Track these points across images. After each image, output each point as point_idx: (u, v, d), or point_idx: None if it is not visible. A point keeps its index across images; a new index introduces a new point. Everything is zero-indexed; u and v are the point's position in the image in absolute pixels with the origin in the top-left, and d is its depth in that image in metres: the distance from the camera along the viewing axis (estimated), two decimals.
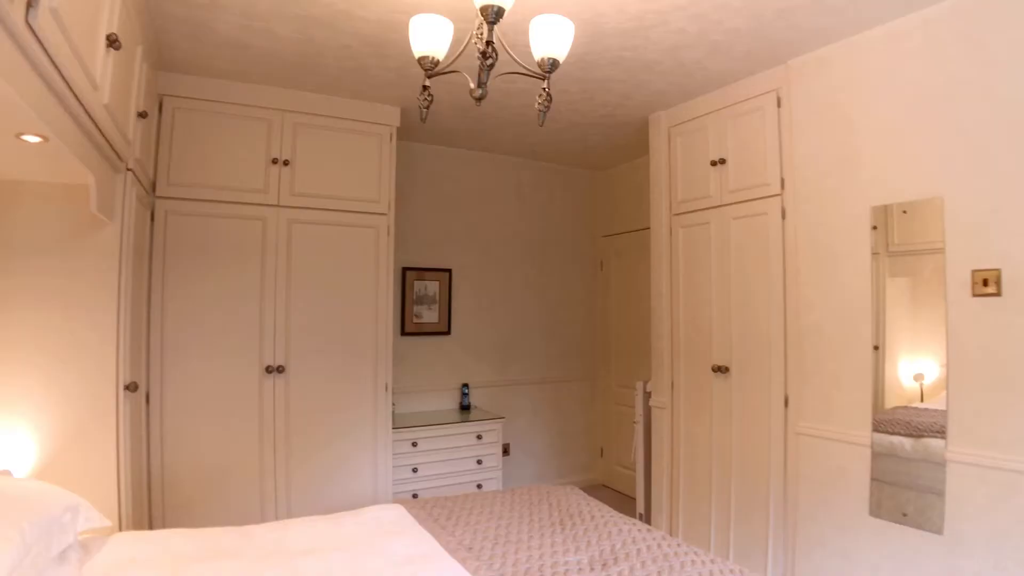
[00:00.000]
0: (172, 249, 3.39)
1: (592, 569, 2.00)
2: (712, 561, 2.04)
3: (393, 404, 4.34)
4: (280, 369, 3.63)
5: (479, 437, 4.41)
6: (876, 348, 2.96)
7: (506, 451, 4.99)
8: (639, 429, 4.32)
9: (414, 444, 4.20)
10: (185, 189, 3.42)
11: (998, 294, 2.52)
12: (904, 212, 2.85)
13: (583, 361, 5.61)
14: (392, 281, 3.97)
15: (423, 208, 4.80)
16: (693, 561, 2.03)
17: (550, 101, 2.21)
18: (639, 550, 2.14)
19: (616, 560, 2.06)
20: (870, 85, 2.96)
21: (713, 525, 3.65)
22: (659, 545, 2.18)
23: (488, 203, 5.12)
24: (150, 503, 3.29)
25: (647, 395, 4.22)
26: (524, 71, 2.19)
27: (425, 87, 2.32)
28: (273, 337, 3.63)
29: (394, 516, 2.50)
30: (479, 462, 4.40)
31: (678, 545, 2.18)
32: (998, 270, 2.52)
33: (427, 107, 2.34)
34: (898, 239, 2.90)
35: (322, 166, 3.79)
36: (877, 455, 2.88)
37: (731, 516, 3.54)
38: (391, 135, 4.01)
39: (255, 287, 3.59)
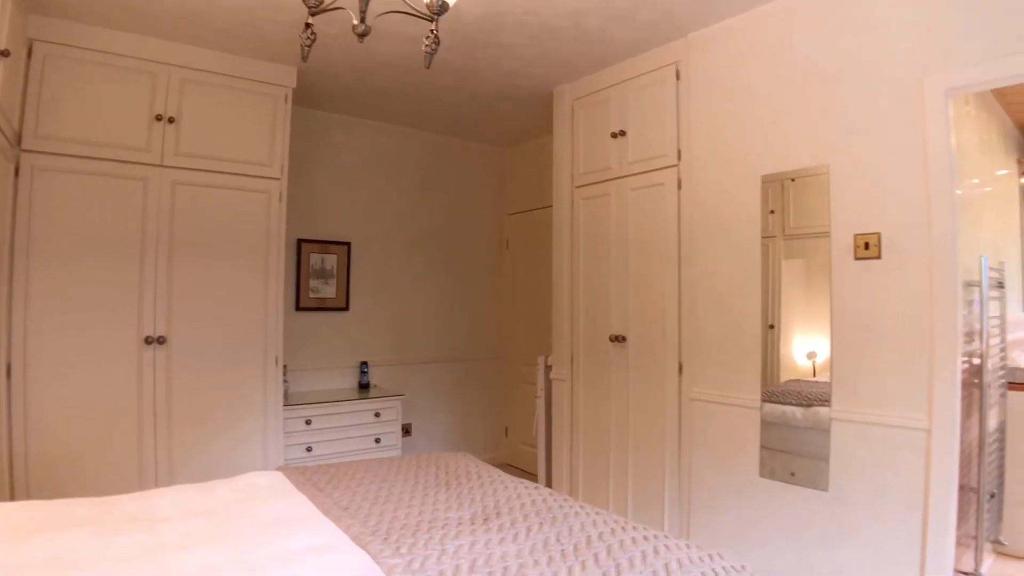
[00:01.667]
0: (40, 208, 3.09)
1: (473, 523, 1.93)
2: (597, 513, 2.02)
3: (287, 382, 4.17)
4: (161, 340, 3.39)
5: (377, 415, 4.28)
6: (771, 327, 3.05)
7: (408, 431, 4.87)
8: (540, 403, 4.31)
9: (308, 422, 4.03)
10: (56, 143, 3.13)
11: (878, 257, 2.62)
12: (792, 180, 2.95)
13: (488, 340, 5.56)
14: (284, 250, 3.79)
15: (323, 179, 4.62)
16: (577, 513, 2.00)
17: (437, 44, 2.13)
18: (523, 504, 2.09)
19: (499, 514, 2.00)
20: (763, 59, 3.04)
21: (612, 492, 3.67)
22: (544, 500, 2.14)
23: (391, 177, 4.98)
24: (12, 486, 2.99)
25: (548, 369, 4.21)
26: (411, 11, 2.10)
27: (308, 24, 2.19)
28: (154, 306, 3.38)
29: (271, 482, 2.36)
30: (377, 441, 4.27)
31: (564, 500, 2.15)
32: (878, 233, 2.63)
33: (309, 46, 2.21)
34: (793, 223, 2.98)
35: (211, 126, 3.56)
36: (770, 424, 2.96)
37: (629, 483, 3.58)
38: (286, 96, 3.82)
39: (134, 252, 3.33)
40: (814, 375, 2.92)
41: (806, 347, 2.94)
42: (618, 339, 3.63)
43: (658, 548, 1.74)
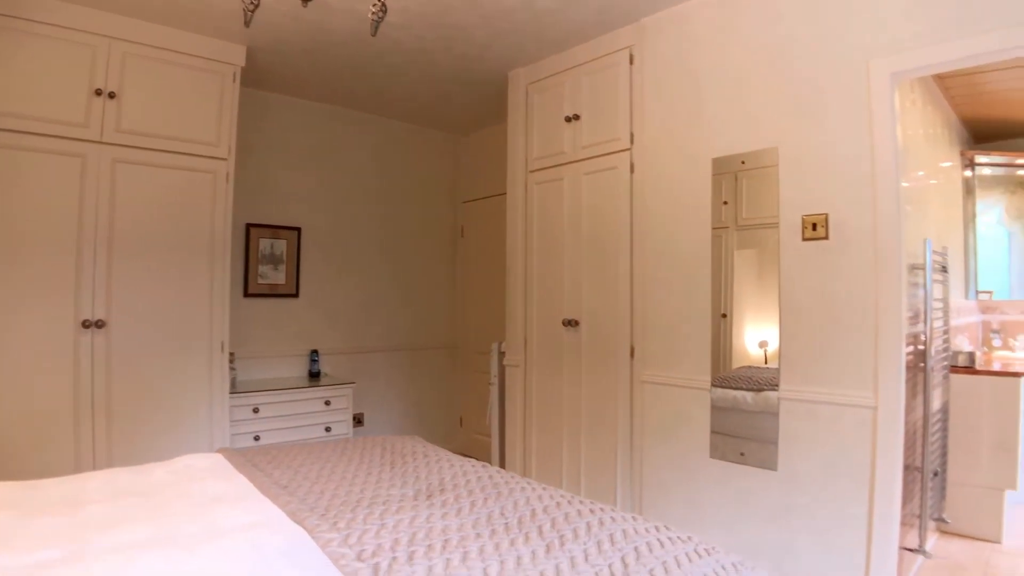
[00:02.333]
0: None
1: (416, 499, 1.88)
2: (543, 488, 1.99)
3: (234, 369, 4.05)
4: (100, 324, 3.26)
5: (327, 403, 4.19)
6: (724, 316, 3.06)
7: (360, 421, 4.78)
8: (494, 390, 4.27)
9: (255, 410, 3.92)
10: None
11: (825, 238, 2.65)
12: (743, 163, 2.96)
13: (442, 329, 5.49)
14: (230, 233, 3.68)
15: (274, 163, 4.50)
16: (523, 488, 1.97)
17: (384, 11, 2.08)
18: (468, 481, 2.05)
19: (443, 491, 1.96)
20: (715, 42, 3.05)
21: (565, 476, 3.65)
22: (490, 476, 2.10)
23: (344, 162, 4.88)
24: None
25: (501, 355, 4.18)
26: None
27: None
28: (92, 288, 3.24)
29: (209, 463, 2.27)
30: (328, 430, 4.18)
31: (511, 476, 2.11)
32: (825, 214, 2.66)
33: (252, 11, 2.14)
34: (746, 214, 3.00)
35: (155, 102, 3.43)
36: (722, 409, 2.97)
37: (582, 466, 3.57)
38: (235, 75, 3.71)
39: (71, 231, 3.19)
40: (766, 363, 2.93)
41: (758, 336, 2.95)
42: (571, 323, 3.61)
43: (603, 520, 1.72)
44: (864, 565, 2.51)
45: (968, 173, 4.77)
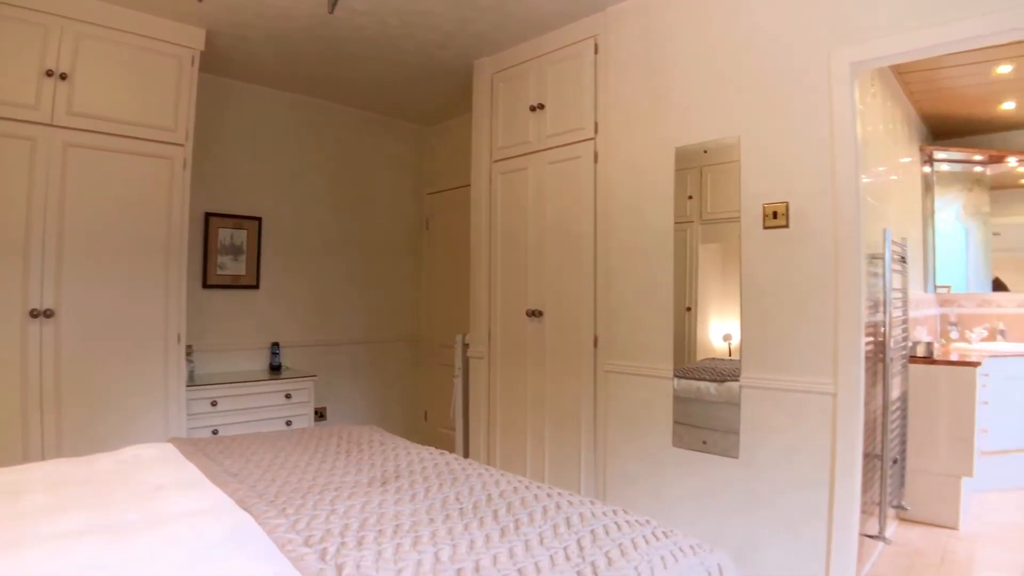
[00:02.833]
0: None
1: (370, 486, 1.83)
2: (501, 474, 1.95)
3: (192, 362, 3.95)
4: (49, 313, 3.14)
5: (288, 397, 4.10)
6: (689, 309, 3.06)
7: (322, 415, 4.70)
8: (458, 383, 4.22)
9: (213, 404, 3.82)
10: None
11: (786, 226, 2.66)
12: (705, 152, 2.97)
13: (407, 322, 5.43)
14: (188, 221, 3.57)
15: (234, 150, 4.39)
16: (480, 474, 1.93)
17: None
18: (424, 467, 2.00)
19: (398, 477, 1.91)
20: (680, 32, 3.05)
21: (529, 466, 3.62)
22: (448, 463, 2.06)
23: (308, 151, 4.78)
24: None
25: (465, 347, 4.13)
26: None
27: None
28: (41, 276, 3.12)
29: (158, 453, 2.19)
30: (288, 423, 4.09)
31: (469, 463, 2.08)
32: (786, 203, 2.67)
33: None
34: (711, 208, 3.00)
35: (109, 85, 3.32)
36: (686, 400, 2.97)
37: (546, 456, 3.54)
38: (193, 59, 3.61)
39: (19, 216, 3.06)
40: (730, 355, 2.94)
41: (722, 330, 2.96)
42: (535, 314, 3.58)
43: (560, 504, 1.69)
44: (825, 551, 2.52)
45: (927, 169, 4.85)
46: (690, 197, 3.05)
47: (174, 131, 3.54)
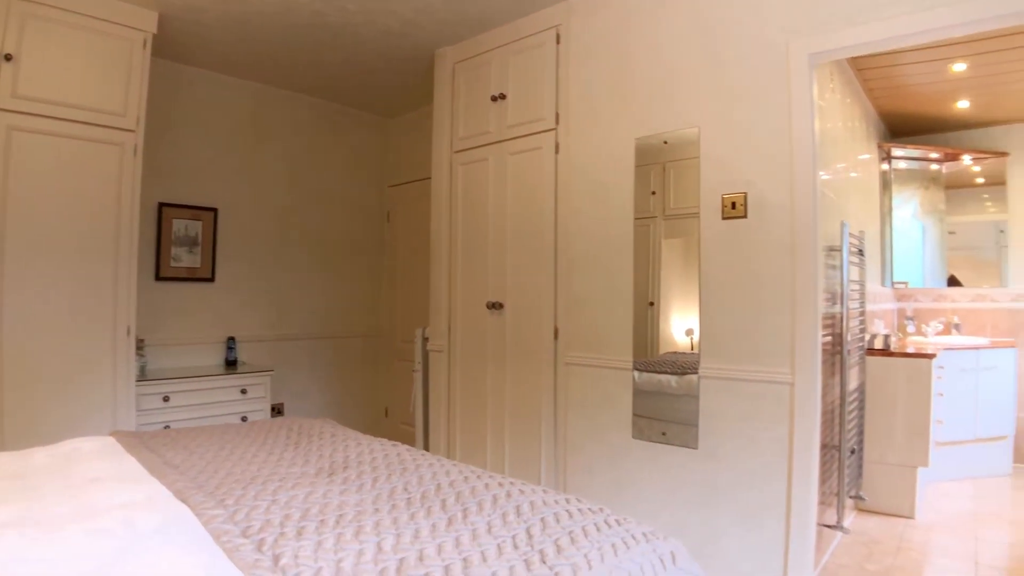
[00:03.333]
0: None
1: (317, 476, 1.77)
2: (453, 464, 1.91)
3: (144, 357, 3.84)
4: None
5: (244, 392, 4.00)
6: (652, 304, 3.05)
7: (280, 411, 4.60)
8: (418, 377, 4.16)
9: (166, 399, 3.71)
10: None
11: (744, 216, 2.66)
12: (665, 143, 2.96)
13: (368, 316, 5.33)
14: (138, 210, 3.45)
15: (190, 140, 4.26)
16: (431, 464, 1.88)
17: None
18: (374, 458, 1.95)
19: (346, 467, 1.85)
20: (642, 22, 3.04)
21: (489, 461, 3.57)
22: (399, 454, 2.01)
23: (267, 141, 4.67)
24: None
25: (425, 341, 4.07)
26: None
27: None
28: None
29: (97, 446, 2.10)
30: (244, 419, 3.99)
31: (421, 454, 2.03)
32: (744, 193, 2.66)
33: None
34: (674, 204, 2.99)
35: (56, 67, 3.19)
36: (648, 393, 2.95)
37: (506, 450, 3.50)
38: (145, 42, 3.49)
39: None
40: (692, 349, 2.93)
41: (685, 325, 2.94)
42: (495, 306, 3.54)
43: (511, 492, 1.65)
44: (783, 541, 2.52)
45: (885, 167, 4.92)
46: (653, 193, 3.04)
47: (124, 116, 3.42)
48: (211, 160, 4.37)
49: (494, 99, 3.59)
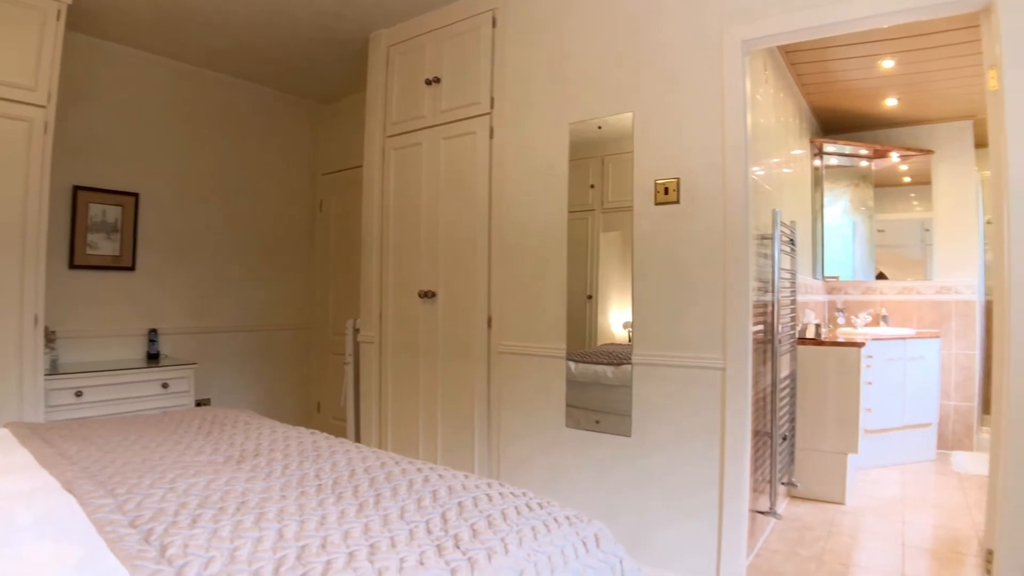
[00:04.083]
0: None
1: (226, 463, 1.66)
2: (372, 451, 1.81)
3: (55, 349, 3.61)
4: None
5: (165, 386, 3.80)
6: (590, 297, 3.02)
7: (205, 406, 4.39)
8: (349, 370, 4.04)
9: (78, 394, 3.49)
10: None
11: (677, 202, 2.64)
12: (599, 128, 2.92)
13: (299, 308, 5.14)
14: (48, 190, 3.23)
15: (109, 119, 4.01)
16: (348, 451, 1.79)
17: None
18: (287, 446, 1.84)
19: (256, 455, 1.74)
20: (578, 6, 3.01)
21: (422, 452, 3.48)
22: (315, 442, 1.91)
23: (194, 125, 4.44)
24: None
25: (357, 332, 3.95)
26: None
27: None
28: None
29: None
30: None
31: (339, 442, 1.93)
32: (677, 179, 2.64)
33: None
34: (612, 197, 2.96)
35: None
36: (582, 383, 2.92)
37: (439, 441, 3.41)
38: (59, 13, 3.26)
39: None
40: (629, 341, 2.91)
41: (623, 318, 2.91)
42: (428, 295, 3.45)
43: (429, 477, 1.57)
44: (717, 527, 2.51)
45: (817, 163, 5.01)
46: (592, 186, 3.01)
47: (35, 91, 3.20)
48: (133, 143, 4.14)
49: (428, 83, 3.50)
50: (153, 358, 4.08)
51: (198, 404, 4.09)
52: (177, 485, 1.45)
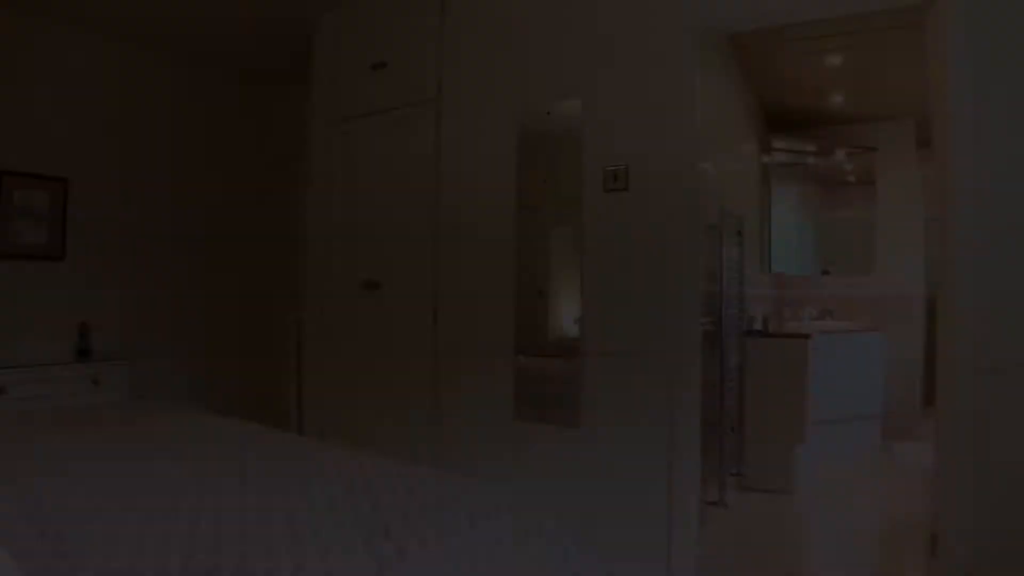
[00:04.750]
0: None
1: (142, 456, 1.55)
2: (303, 440, 1.73)
3: None
4: None
5: (96, 383, 3.61)
6: (541, 293, 2.96)
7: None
8: (293, 364, 3.91)
9: (0, 391, 3.29)
10: None
11: (625, 189, 2.60)
12: (548, 113, 2.87)
13: (245, 301, 4.93)
14: None
15: (37, 100, 3.78)
16: (277, 440, 1.70)
17: None
18: (216, 436, 1.74)
19: (178, 445, 1.63)
20: None
21: (365, 446, 3.35)
22: (243, 432, 1.81)
23: (131, 108, 4.17)
24: None
25: (301, 325, 3.82)
26: None
27: None
28: None
29: None
30: None
31: (270, 433, 1.83)
32: (626, 166, 2.61)
33: None
34: (564, 192, 2.90)
35: None
36: (530, 377, 2.86)
37: (384, 439, 3.30)
38: None
39: None
40: (580, 336, 2.86)
41: (574, 313, 2.87)
42: (372, 286, 3.34)
43: (362, 464, 1.48)
44: (666, 517, 2.47)
45: (766, 159, 5.07)
46: (544, 181, 2.95)
47: None
48: (63, 126, 3.90)
49: (375, 68, 3.39)
50: (84, 354, 3.86)
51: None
52: (84, 478, 1.34)
